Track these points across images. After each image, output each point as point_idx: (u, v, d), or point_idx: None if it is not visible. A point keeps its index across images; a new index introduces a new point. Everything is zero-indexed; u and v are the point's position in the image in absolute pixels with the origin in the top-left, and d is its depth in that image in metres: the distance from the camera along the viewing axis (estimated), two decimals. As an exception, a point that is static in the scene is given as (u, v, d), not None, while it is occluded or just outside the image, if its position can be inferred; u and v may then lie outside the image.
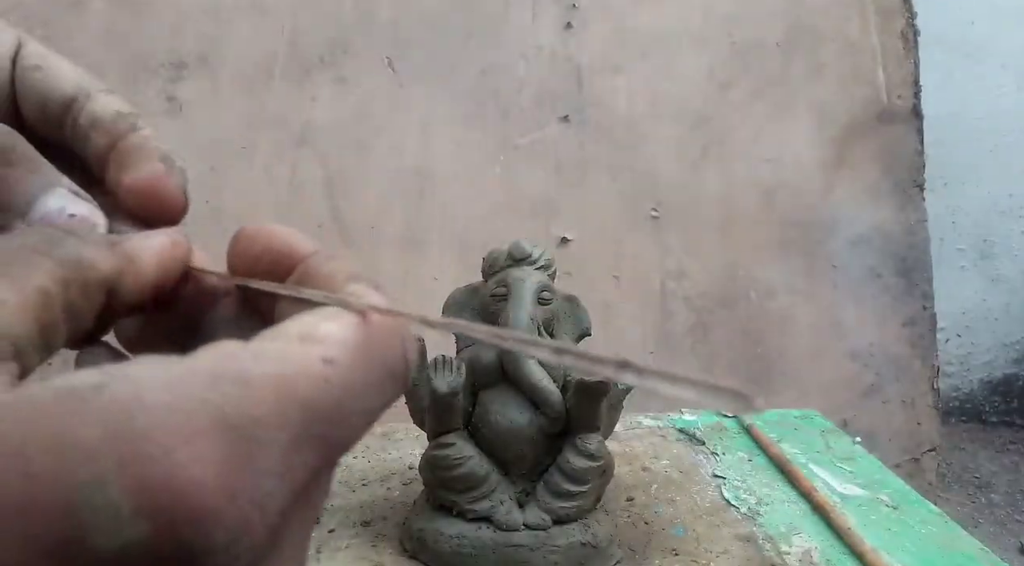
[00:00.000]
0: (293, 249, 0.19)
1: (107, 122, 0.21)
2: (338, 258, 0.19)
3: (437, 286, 1.15)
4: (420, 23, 1.28)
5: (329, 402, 0.14)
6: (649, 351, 1.22)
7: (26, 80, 0.20)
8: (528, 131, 1.27)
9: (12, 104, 0.21)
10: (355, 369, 0.15)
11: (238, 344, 0.14)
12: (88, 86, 0.21)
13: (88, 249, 0.17)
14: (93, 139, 0.21)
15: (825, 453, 0.74)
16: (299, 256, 0.19)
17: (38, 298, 0.15)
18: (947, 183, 1.79)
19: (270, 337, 0.15)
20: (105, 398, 0.12)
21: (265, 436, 0.13)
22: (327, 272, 0.18)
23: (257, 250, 0.20)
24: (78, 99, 0.21)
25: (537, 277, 0.56)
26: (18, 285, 0.15)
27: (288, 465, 0.13)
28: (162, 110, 1.20)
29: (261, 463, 0.13)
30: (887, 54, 1.33)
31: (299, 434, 0.14)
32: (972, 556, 0.56)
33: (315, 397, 0.14)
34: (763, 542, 0.58)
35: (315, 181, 1.22)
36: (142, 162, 0.21)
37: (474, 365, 0.56)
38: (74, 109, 0.21)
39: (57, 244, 0.16)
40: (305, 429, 0.14)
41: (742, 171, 1.29)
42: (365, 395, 0.15)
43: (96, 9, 1.22)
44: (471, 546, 0.53)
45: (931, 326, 1.28)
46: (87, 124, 0.21)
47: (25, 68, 0.21)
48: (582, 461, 0.54)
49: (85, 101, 0.21)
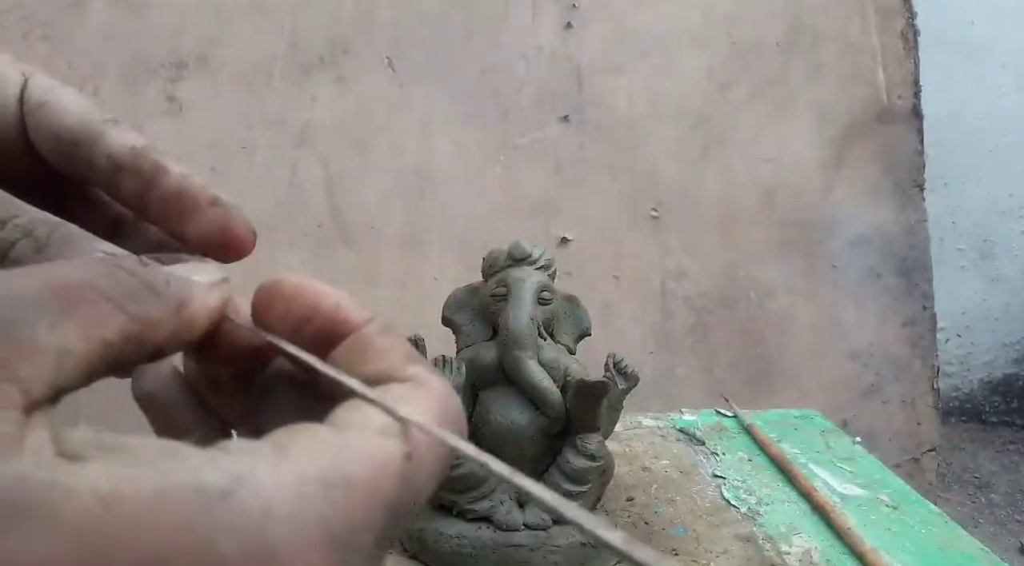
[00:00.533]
0: (346, 317, 0.18)
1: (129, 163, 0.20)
2: (393, 332, 0.18)
3: (437, 286, 1.15)
4: (420, 23, 1.28)
5: (407, 499, 0.15)
6: (649, 351, 1.22)
7: (35, 118, 0.20)
8: (528, 131, 1.27)
9: (24, 141, 0.20)
10: (429, 461, 0.15)
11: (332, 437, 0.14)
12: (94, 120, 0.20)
13: (159, 309, 0.16)
14: (122, 184, 0.20)
15: (825, 453, 0.74)
16: (352, 324, 0.18)
17: (99, 351, 0.14)
18: (947, 183, 1.79)
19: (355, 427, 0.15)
20: (236, 507, 0.12)
21: (359, 542, 0.14)
22: (384, 347, 0.17)
23: (302, 312, 0.18)
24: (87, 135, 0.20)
25: (537, 277, 0.56)
26: (86, 335, 0.14)
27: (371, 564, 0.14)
28: (162, 110, 1.20)
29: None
30: (887, 54, 1.33)
31: (381, 533, 0.14)
32: (972, 556, 0.56)
33: (398, 498, 0.14)
34: (763, 542, 0.58)
35: (315, 181, 1.22)
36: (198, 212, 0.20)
37: (474, 365, 0.56)
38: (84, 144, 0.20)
39: (133, 297, 0.15)
40: (386, 529, 0.14)
41: (742, 171, 1.29)
42: (431, 481, 0.16)
43: (96, 9, 1.22)
44: (471, 546, 0.53)
45: (931, 326, 1.28)
46: (109, 166, 0.20)
47: (32, 106, 0.20)
48: (582, 461, 0.54)
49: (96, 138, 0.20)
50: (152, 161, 0.20)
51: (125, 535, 0.11)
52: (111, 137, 0.20)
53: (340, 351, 0.18)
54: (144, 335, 0.15)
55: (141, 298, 0.16)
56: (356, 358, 0.17)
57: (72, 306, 0.14)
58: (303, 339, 0.18)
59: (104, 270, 0.15)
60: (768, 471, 0.70)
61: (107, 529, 0.11)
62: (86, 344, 0.14)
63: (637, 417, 0.83)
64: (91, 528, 0.11)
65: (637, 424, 0.82)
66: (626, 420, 0.81)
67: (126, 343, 0.15)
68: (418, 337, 0.55)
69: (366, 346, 0.17)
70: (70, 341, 0.14)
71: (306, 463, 0.13)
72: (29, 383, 0.13)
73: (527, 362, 0.53)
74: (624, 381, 0.58)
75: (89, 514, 0.11)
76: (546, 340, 0.56)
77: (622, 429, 0.79)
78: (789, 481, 0.68)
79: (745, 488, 0.67)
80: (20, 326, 0.13)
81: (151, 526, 0.11)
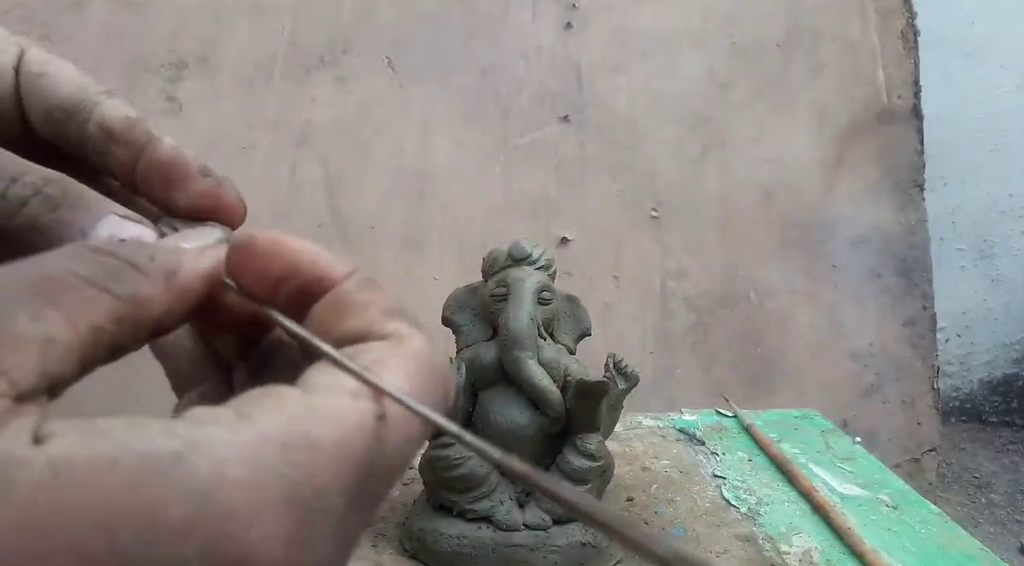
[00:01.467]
0: (324, 272, 0.17)
1: (122, 132, 0.20)
2: (374, 286, 0.17)
3: (437, 286, 1.15)
4: (420, 23, 1.28)
5: (382, 460, 0.14)
6: (649, 351, 1.22)
7: (30, 87, 0.20)
8: (528, 131, 1.27)
9: (19, 111, 0.20)
10: (405, 421, 0.15)
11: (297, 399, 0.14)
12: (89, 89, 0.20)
13: (147, 286, 0.16)
14: (113, 152, 0.20)
15: (825, 453, 0.74)
16: (330, 280, 0.17)
17: (90, 336, 0.14)
18: (947, 183, 1.79)
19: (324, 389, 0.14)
20: (186, 470, 0.12)
21: (327, 504, 0.13)
22: (362, 302, 0.17)
23: (278, 270, 0.17)
24: (82, 104, 0.20)
25: (537, 277, 0.56)
26: (72, 321, 0.14)
27: (344, 527, 0.14)
28: (162, 110, 1.20)
29: (322, 530, 0.13)
30: (887, 54, 1.33)
31: (355, 496, 0.14)
32: (972, 556, 0.56)
33: (370, 458, 0.14)
34: (763, 542, 0.58)
35: (315, 181, 1.22)
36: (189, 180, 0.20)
37: (474, 365, 0.56)
38: (78, 115, 0.20)
39: (117, 278, 0.15)
40: (360, 491, 0.14)
41: (742, 171, 1.29)
42: (411, 444, 0.15)
43: (96, 9, 1.22)
44: (471, 546, 0.53)
45: (931, 326, 1.28)
46: (101, 135, 0.20)
47: (28, 75, 0.20)
48: (582, 461, 0.54)
49: (91, 107, 0.20)
50: (144, 130, 0.20)
51: (73, 500, 0.11)
52: (105, 107, 0.20)
53: (319, 308, 0.17)
54: (136, 314, 0.15)
55: (124, 277, 0.15)
56: (335, 315, 0.17)
57: (54, 295, 0.14)
58: (282, 297, 0.17)
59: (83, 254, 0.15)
60: (768, 471, 0.70)
61: (56, 494, 0.11)
62: (73, 331, 0.14)
63: (637, 417, 0.83)
64: (41, 496, 0.11)
65: (637, 424, 0.82)
66: (626, 420, 0.81)
67: (119, 325, 0.15)
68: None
69: (345, 302, 0.17)
70: (55, 329, 0.13)
71: (267, 425, 0.13)
72: (16, 373, 0.13)
73: (527, 362, 0.53)
74: (624, 381, 0.58)
75: (40, 481, 0.11)
76: (546, 340, 0.56)
77: (622, 429, 0.79)
78: (789, 481, 0.68)
79: (745, 488, 0.67)
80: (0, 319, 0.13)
81: (100, 490, 0.11)
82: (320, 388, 0.14)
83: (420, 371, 0.16)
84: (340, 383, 0.15)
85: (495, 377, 0.56)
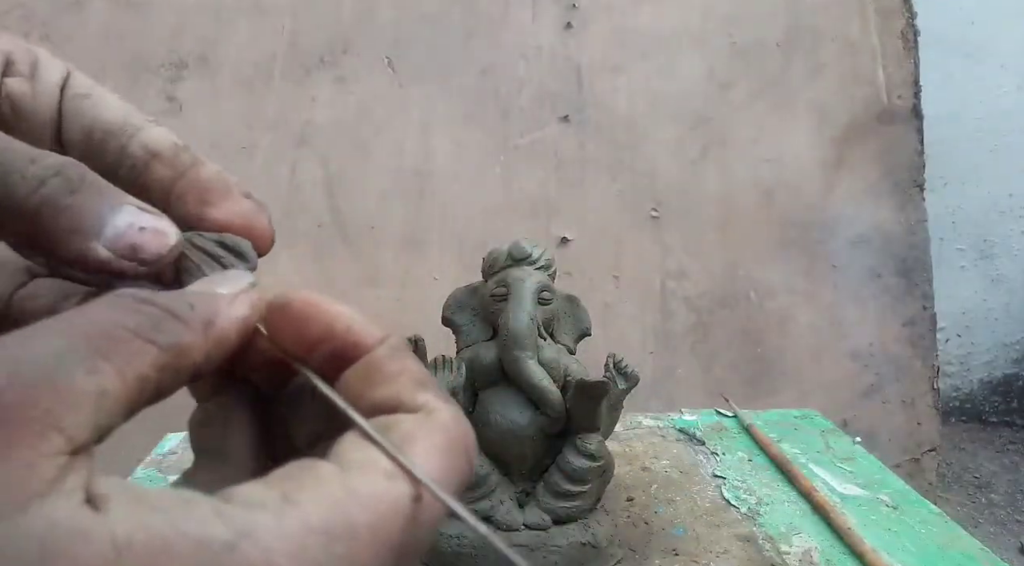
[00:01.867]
0: (358, 337, 0.18)
1: (168, 154, 0.21)
2: (405, 353, 0.18)
3: (437, 286, 1.15)
4: (420, 23, 1.28)
5: (416, 538, 0.15)
6: (649, 351, 1.22)
7: (74, 108, 0.21)
8: (528, 131, 1.27)
9: (54, 126, 0.21)
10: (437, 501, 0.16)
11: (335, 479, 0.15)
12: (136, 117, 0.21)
13: (188, 335, 0.16)
14: (155, 169, 0.21)
15: (825, 453, 0.74)
16: (364, 347, 0.18)
17: (136, 386, 0.15)
18: (947, 183, 1.79)
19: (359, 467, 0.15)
20: (237, 559, 0.13)
21: None
22: (394, 372, 0.17)
23: (315, 334, 0.18)
24: (125, 127, 0.21)
25: (537, 277, 0.56)
26: (122, 373, 0.14)
27: None
28: (162, 110, 1.20)
29: None
30: (887, 54, 1.33)
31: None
32: (972, 556, 0.56)
33: (405, 540, 0.15)
34: (763, 542, 0.58)
35: (315, 181, 1.22)
36: (229, 199, 0.21)
37: (474, 365, 0.56)
38: (121, 136, 0.21)
39: (159, 329, 0.16)
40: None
41: (742, 171, 1.29)
42: (441, 521, 0.16)
43: (96, 9, 1.22)
44: (471, 546, 0.53)
45: (931, 326, 1.28)
46: (144, 154, 0.21)
47: (74, 96, 0.21)
48: (582, 461, 0.54)
49: (135, 131, 0.21)
50: (192, 155, 0.21)
51: None
52: (153, 132, 0.21)
53: (351, 373, 0.18)
54: (178, 362, 0.16)
55: (166, 328, 0.16)
56: (367, 382, 0.17)
57: (105, 348, 0.14)
58: (315, 359, 0.18)
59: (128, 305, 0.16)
60: (768, 471, 0.70)
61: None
62: (123, 382, 0.14)
63: (637, 417, 0.83)
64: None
65: (637, 424, 0.82)
66: (626, 420, 0.81)
67: (162, 374, 0.15)
68: (418, 337, 0.55)
69: (377, 370, 0.17)
70: (107, 382, 0.14)
71: (310, 512, 0.14)
72: (73, 430, 0.13)
73: (527, 362, 0.53)
74: (624, 381, 0.58)
75: (103, 560, 0.12)
76: (546, 340, 0.56)
77: (622, 429, 0.79)
78: (789, 481, 0.68)
79: (745, 488, 0.67)
80: (58, 375, 0.13)
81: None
82: (355, 466, 0.15)
83: (449, 447, 0.17)
84: (374, 460, 0.15)
85: (495, 377, 0.56)
